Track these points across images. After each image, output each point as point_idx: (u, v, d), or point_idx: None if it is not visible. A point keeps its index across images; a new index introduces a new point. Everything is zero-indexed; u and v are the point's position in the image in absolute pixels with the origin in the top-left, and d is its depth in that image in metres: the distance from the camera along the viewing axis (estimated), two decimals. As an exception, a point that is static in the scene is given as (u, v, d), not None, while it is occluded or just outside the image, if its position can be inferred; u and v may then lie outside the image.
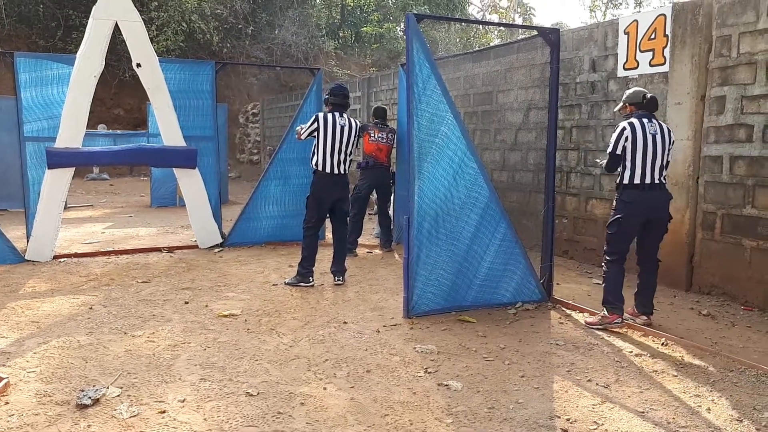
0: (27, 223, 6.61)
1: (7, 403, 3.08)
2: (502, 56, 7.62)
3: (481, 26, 25.97)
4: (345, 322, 4.48)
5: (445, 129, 4.48)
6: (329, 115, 5.41)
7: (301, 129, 5.49)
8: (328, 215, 5.70)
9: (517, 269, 4.81)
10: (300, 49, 20.68)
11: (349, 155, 5.55)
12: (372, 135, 7.02)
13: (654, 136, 4.21)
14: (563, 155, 6.74)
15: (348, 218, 5.93)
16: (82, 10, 16.16)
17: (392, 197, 7.57)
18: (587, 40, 6.54)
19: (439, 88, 4.45)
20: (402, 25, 23.98)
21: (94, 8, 6.29)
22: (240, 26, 19.83)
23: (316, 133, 5.39)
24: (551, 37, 4.99)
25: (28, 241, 6.47)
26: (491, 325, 4.41)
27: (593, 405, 3.15)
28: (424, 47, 4.41)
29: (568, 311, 4.81)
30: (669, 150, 4.29)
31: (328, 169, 5.41)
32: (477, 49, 22.98)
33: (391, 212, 7.73)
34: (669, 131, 4.31)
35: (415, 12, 4.34)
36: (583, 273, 6.24)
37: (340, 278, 5.65)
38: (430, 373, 3.53)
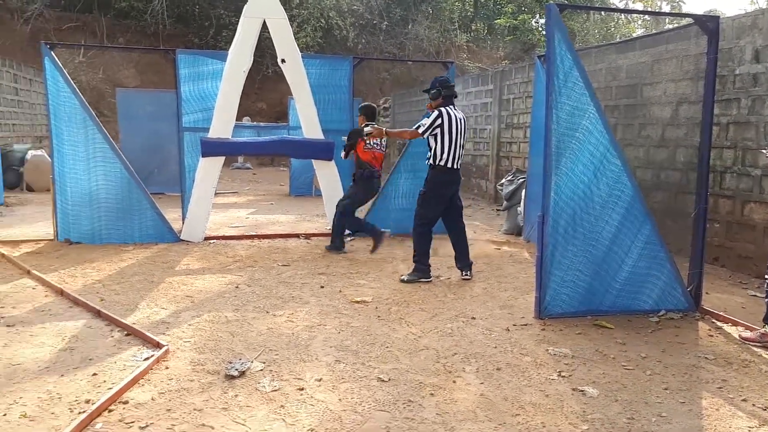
0: (183, 207, 7.26)
1: (167, 368, 3.42)
2: (650, 47, 7.13)
3: (622, 15, 24.47)
4: (473, 318, 4.45)
5: (586, 123, 4.28)
6: (447, 110, 5.32)
7: (422, 125, 5.35)
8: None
9: (662, 275, 4.50)
10: (432, 43, 20.78)
11: (463, 148, 5.49)
12: (367, 142, 6.40)
13: None
14: (717, 153, 6.18)
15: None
16: (232, 9, 17.41)
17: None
18: (750, 28, 5.93)
19: (581, 80, 4.26)
20: (538, 16, 23.25)
21: (245, 7, 6.75)
22: (375, 22, 20.30)
23: (438, 129, 5.29)
24: (709, 25, 4.58)
25: (183, 223, 7.12)
26: (631, 333, 4.17)
27: (749, 427, 2.88)
28: (565, 38, 4.24)
29: (719, 323, 4.42)
30: None
31: (450, 164, 5.36)
32: (618, 39, 21.70)
33: (521, 208, 7.55)
34: None
35: (556, 2, 4.18)
36: (736, 283, 5.70)
37: (468, 272, 5.61)
38: (563, 376, 3.41)
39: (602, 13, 22.95)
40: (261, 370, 3.41)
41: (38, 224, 7.87)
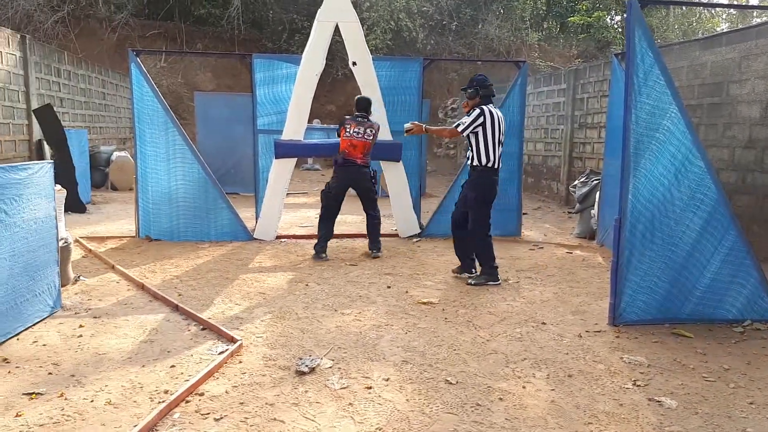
0: (256, 206, 7.49)
1: (240, 362, 3.54)
2: (737, 42, 6.74)
3: (705, 10, 23.25)
4: (543, 323, 4.36)
5: (667, 123, 4.10)
6: (489, 108, 5.23)
7: (462, 123, 5.26)
8: None
9: (748, 283, 4.24)
10: (502, 43, 20.46)
11: (502, 145, 5.37)
12: (347, 129, 6.30)
13: None
14: (812, 155, 5.78)
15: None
16: (304, 14, 17.79)
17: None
18: None
19: (662, 79, 4.08)
20: (613, 12, 22.44)
21: (318, 12, 6.87)
22: (444, 22, 20.21)
23: (480, 128, 5.20)
24: (807, 17, 4.28)
25: (256, 222, 7.33)
26: (712, 343, 3.96)
27: None
28: (647, 35, 4.08)
29: (813, 336, 4.13)
30: None
31: (495, 164, 5.29)
32: (701, 35, 20.65)
33: (595, 210, 7.31)
34: None
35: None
36: (832, 294, 5.30)
37: (476, 270, 5.58)
38: (639, 386, 3.28)
39: (683, 8, 21.88)
40: (330, 367, 3.46)
41: (121, 221, 8.32)
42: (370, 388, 3.20)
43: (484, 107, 5.22)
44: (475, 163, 5.30)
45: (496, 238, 7.44)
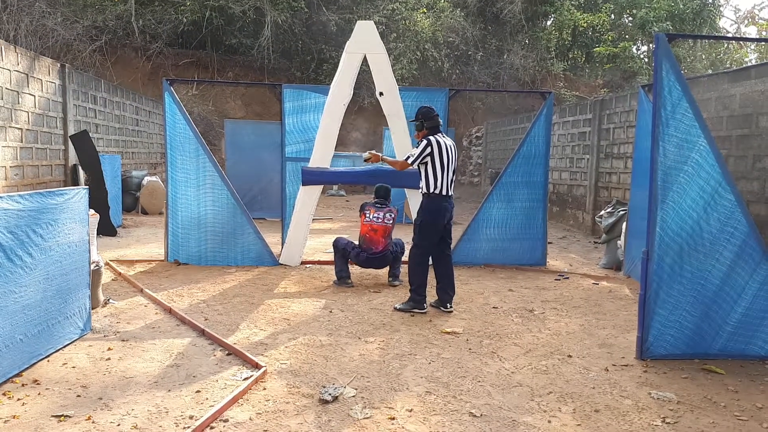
0: (282, 232, 7.57)
1: (264, 389, 3.56)
2: (767, 76, 6.68)
3: (734, 41, 23.12)
4: (569, 356, 4.30)
5: (696, 156, 4.08)
6: (436, 138, 5.34)
7: (411, 155, 5.38)
8: None
9: (781, 319, 4.14)
10: (527, 73, 20.56)
11: (454, 174, 5.45)
12: (367, 215, 6.40)
13: None
14: None
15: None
16: (332, 44, 18.13)
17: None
18: None
19: (690, 111, 4.07)
20: (639, 43, 22.46)
21: (347, 43, 7.02)
22: (470, 53, 20.41)
23: (428, 158, 5.30)
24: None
25: (281, 247, 7.41)
26: (744, 380, 3.86)
27: None
28: (675, 68, 4.08)
29: None
30: None
31: (443, 191, 5.34)
32: (729, 65, 20.52)
33: (621, 241, 7.22)
34: None
35: (657, 30, 4.04)
36: None
37: (450, 306, 5.46)
38: (668, 423, 3.21)
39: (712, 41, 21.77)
40: (353, 396, 3.46)
41: (151, 245, 8.47)
42: (394, 418, 3.19)
43: (431, 138, 5.36)
44: (425, 190, 5.42)
45: (522, 267, 7.46)
